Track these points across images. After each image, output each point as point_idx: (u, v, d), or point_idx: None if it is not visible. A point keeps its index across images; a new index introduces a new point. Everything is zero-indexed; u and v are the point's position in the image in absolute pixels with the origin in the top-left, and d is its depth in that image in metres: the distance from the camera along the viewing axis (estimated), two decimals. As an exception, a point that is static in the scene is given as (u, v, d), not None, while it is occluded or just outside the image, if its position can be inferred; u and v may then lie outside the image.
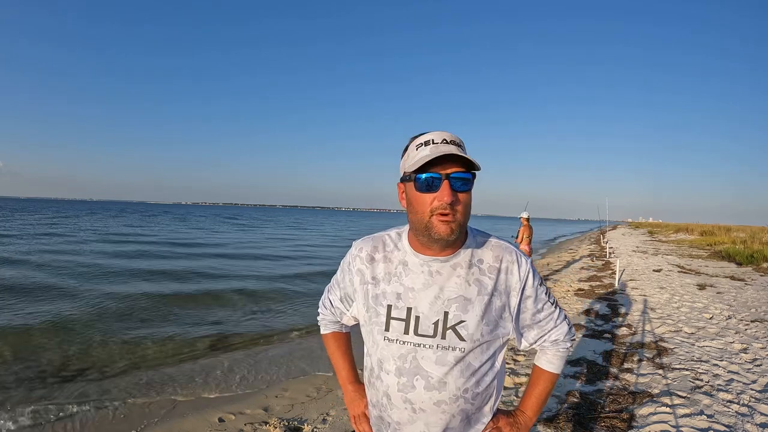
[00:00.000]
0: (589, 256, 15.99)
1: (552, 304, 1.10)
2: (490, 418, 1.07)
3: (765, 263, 11.88)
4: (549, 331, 1.10)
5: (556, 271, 11.92)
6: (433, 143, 0.93)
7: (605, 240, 24.32)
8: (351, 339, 1.30)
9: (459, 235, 0.95)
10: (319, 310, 1.27)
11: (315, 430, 3.21)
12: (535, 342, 1.12)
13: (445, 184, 0.91)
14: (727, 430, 2.76)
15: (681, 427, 2.79)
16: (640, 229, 49.46)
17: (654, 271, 10.96)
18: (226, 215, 74.12)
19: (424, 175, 0.92)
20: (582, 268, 12.18)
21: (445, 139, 0.93)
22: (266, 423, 3.36)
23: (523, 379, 3.74)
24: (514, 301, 1.03)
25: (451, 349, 0.97)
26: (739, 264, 12.32)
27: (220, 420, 3.49)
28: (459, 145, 0.94)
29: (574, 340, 1.14)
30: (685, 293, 7.69)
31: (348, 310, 1.17)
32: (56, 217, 40.09)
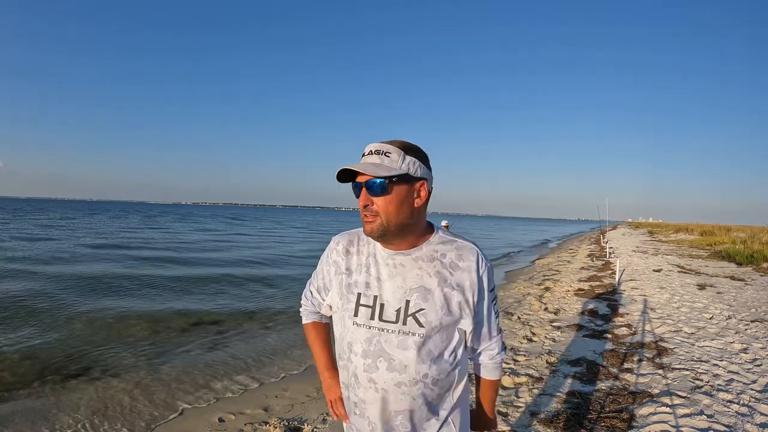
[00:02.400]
0: (589, 256, 16.00)
1: (496, 315, 1.20)
2: (452, 406, 1.14)
3: (765, 263, 11.87)
4: (489, 342, 1.21)
5: (557, 271, 11.92)
6: (363, 156, 1.07)
7: (605, 240, 24.31)
8: (329, 329, 1.37)
9: (386, 233, 1.06)
10: (301, 302, 1.38)
11: (315, 430, 3.22)
12: (478, 351, 1.22)
13: (363, 191, 1.05)
14: (727, 430, 2.76)
15: (681, 427, 2.79)
16: (640, 229, 49.44)
17: (654, 271, 10.95)
18: (229, 215, 74.06)
19: (352, 185, 1.09)
20: (582, 268, 12.18)
21: (371, 150, 1.06)
22: (266, 423, 3.36)
23: (524, 379, 3.74)
24: (471, 299, 1.10)
25: (411, 334, 1.06)
26: (739, 264, 12.32)
27: (220, 420, 3.49)
28: (384, 153, 1.04)
29: (504, 351, 1.25)
30: (685, 293, 7.69)
31: (325, 300, 1.27)
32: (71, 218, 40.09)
